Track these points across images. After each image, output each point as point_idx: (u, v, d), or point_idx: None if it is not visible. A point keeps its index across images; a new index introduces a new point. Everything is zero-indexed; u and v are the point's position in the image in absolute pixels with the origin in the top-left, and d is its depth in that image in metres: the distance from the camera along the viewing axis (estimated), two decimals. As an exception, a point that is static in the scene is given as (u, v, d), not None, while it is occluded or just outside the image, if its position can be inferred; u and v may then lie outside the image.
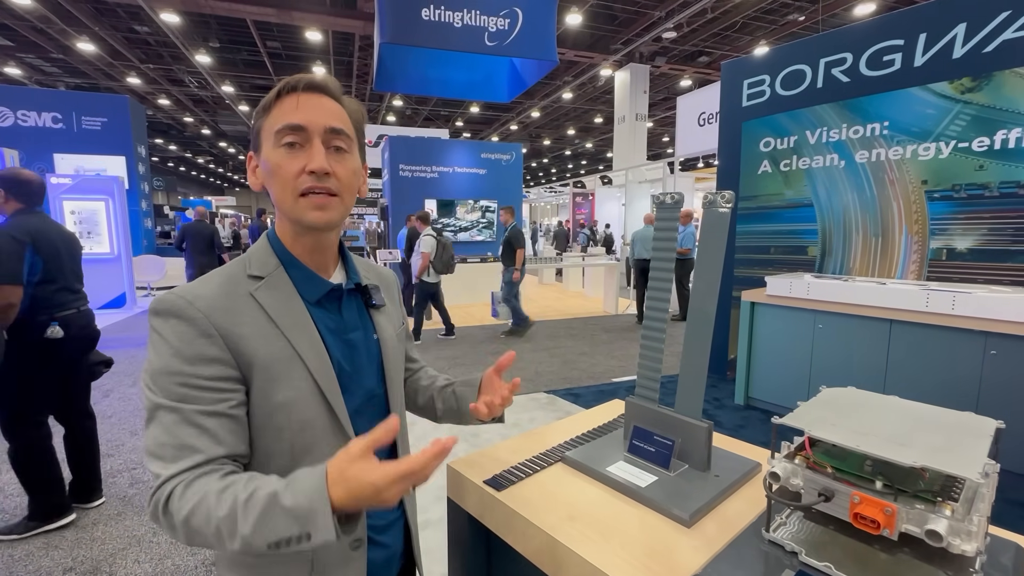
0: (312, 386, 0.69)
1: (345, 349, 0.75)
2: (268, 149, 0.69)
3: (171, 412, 0.61)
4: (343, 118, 0.72)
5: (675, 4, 9.65)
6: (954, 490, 0.61)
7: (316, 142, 0.68)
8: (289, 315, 0.70)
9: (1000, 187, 3.01)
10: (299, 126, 0.67)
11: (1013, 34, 2.94)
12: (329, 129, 0.69)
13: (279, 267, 0.73)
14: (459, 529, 0.98)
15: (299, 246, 0.74)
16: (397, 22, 4.94)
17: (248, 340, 0.66)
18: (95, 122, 9.19)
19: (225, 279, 0.70)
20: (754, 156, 4.25)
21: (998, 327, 2.59)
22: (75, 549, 2.15)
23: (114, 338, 6.06)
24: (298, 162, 0.67)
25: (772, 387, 3.71)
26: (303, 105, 0.68)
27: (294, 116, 0.67)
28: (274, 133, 0.68)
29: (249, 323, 0.67)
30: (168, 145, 23.64)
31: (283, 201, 0.69)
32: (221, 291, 0.68)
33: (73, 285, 2.31)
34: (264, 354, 0.67)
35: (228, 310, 0.67)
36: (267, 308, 0.69)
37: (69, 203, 7.59)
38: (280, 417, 0.67)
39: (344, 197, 0.71)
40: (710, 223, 0.91)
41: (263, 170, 0.71)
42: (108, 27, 10.54)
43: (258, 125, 0.71)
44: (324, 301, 0.75)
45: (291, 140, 0.67)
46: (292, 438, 0.69)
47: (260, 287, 0.70)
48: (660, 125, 19.36)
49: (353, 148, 0.73)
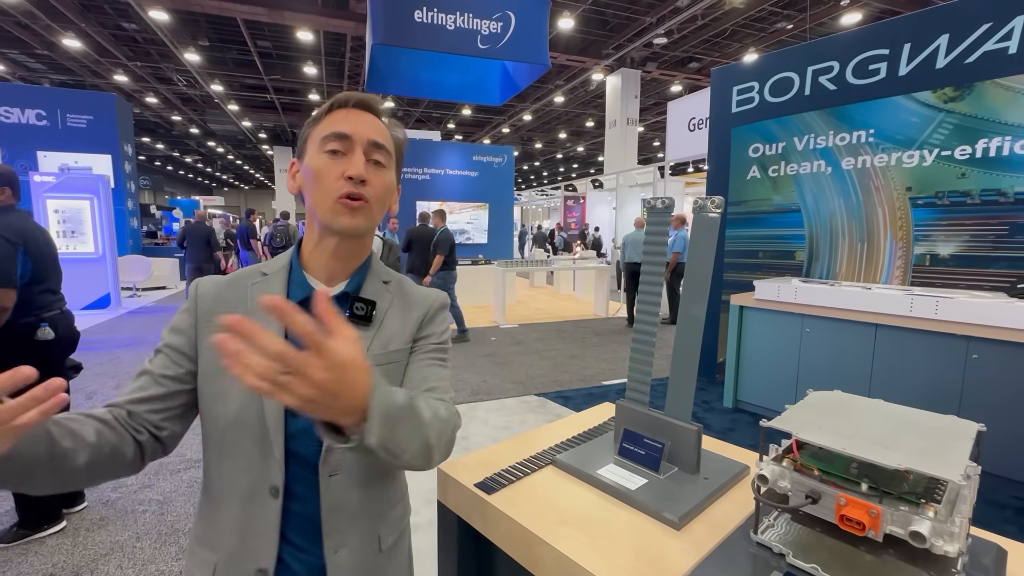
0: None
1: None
2: (312, 155, 0.73)
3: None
4: (386, 136, 0.76)
5: (666, 10, 9.75)
6: (937, 492, 0.63)
7: (358, 151, 0.72)
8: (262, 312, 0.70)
9: (982, 195, 3.07)
10: (345, 134, 0.72)
11: (994, 45, 3.01)
12: (372, 142, 0.73)
13: (284, 268, 0.77)
14: (449, 532, 0.98)
15: (319, 250, 0.76)
16: (390, 23, 4.93)
17: (214, 327, 0.71)
18: (80, 120, 9.05)
19: (244, 272, 0.78)
20: (743, 162, 4.30)
21: (979, 332, 2.64)
22: (56, 555, 2.11)
23: (98, 339, 5.95)
24: (339, 167, 0.71)
25: (760, 390, 3.75)
26: (351, 118, 0.73)
27: (342, 126, 0.72)
28: (321, 139, 0.72)
29: (225, 310, 0.73)
30: (155, 144, 23.33)
31: (319, 204, 0.72)
32: (230, 280, 0.77)
33: (55, 286, 2.26)
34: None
35: (218, 297, 0.75)
36: (249, 301, 0.74)
37: (53, 202, 7.46)
38: (219, 405, 0.71)
39: (374, 207, 0.74)
40: (700, 228, 0.92)
41: (303, 175, 0.74)
42: (95, 24, 10.39)
43: (306, 134, 0.76)
44: (308, 306, 0.70)
45: (335, 147, 0.71)
46: (224, 431, 0.71)
47: (258, 283, 0.76)
48: (651, 130, 19.50)
49: (391, 165, 0.77)
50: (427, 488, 2.58)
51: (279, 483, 0.71)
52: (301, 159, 0.76)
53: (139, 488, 2.65)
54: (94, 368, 4.70)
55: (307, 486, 0.72)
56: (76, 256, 7.48)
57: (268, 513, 0.71)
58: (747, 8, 9.62)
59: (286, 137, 21.86)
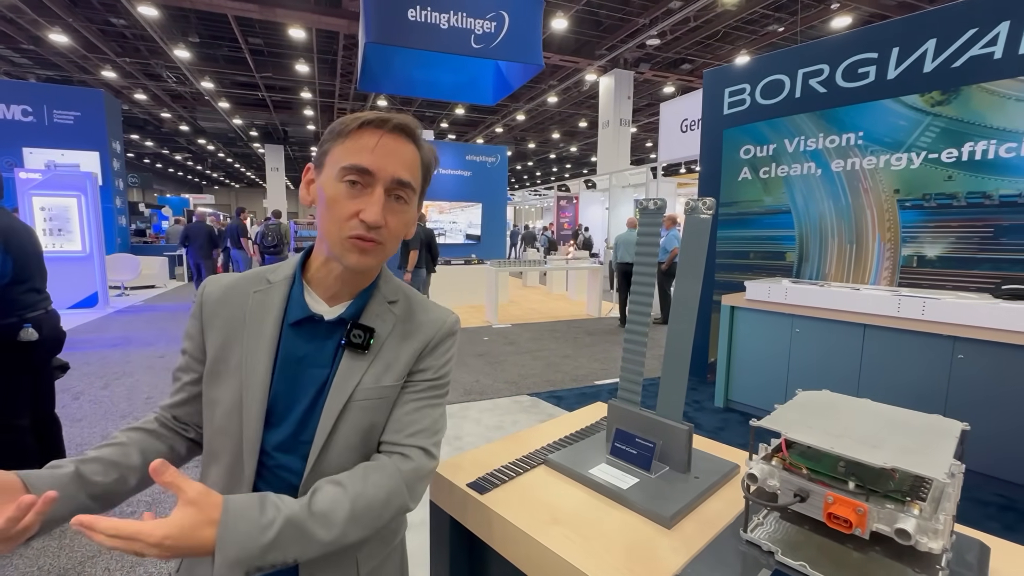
0: (237, 398, 0.69)
1: (295, 381, 0.70)
2: (329, 178, 0.67)
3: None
4: (414, 168, 0.71)
5: (659, 12, 9.80)
6: (922, 490, 0.64)
7: (378, 191, 0.67)
8: (259, 326, 0.71)
9: (968, 197, 3.12)
10: (367, 170, 0.66)
11: (980, 50, 3.06)
12: (396, 181, 0.68)
13: (287, 280, 0.74)
14: (442, 533, 0.98)
15: (326, 270, 0.73)
16: (383, 22, 4.92)
17: (216, 332, 0.72)
18: (68, 116, 8.92)
19: (251, 275, 0.76)
20: (735, 163, 4.33)
21: (965, 332, 2.68)
22: (41, 557, 2.08)
23: (85, 339, 5.87)
24: (355, 205, 0.66)
25: (751, 390, 3.78)
26: (381, 148, 0.67)
27: (367, 159, 0.66)
28: (341, 167, 0.66)
29: (226, 317, 0.72)
30: (144, 141, 23.04)
31: (329, 236, 0.68)
32: (235, 283, 0.75)
33: (39, 285, 2.23)
34: (217, 348, 0.71)
35: (222, 300, 0.73)
36: (249, 311, 0.72)
37: (39, 199, 7.34)
38: (209, 412, 0.72)
39: (388, 246, 0.71)
40: (692, 229, 0.93)
41: (319, 195, 0.69)
42: (83, 19, 10.24)
43: (328, 147, 0.69)
44: (305, 326, 0.72)
45: (354, 179, 0.66)
46: (211, 436, 0.72)
47: (261, 291, 0.74)
48: (643, 131, 19.59)
49: (413, 199, 0.72)
50: (419, 488, 2.57)
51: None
52: (319, 170, 0.70)
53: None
54: (81, 368, 4.64)
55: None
56: (63, 255, 7.37)
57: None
58: (739, 11, 9.70)
59: (277, 135, 21.67)
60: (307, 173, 0.73)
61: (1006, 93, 2.93)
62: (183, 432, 0.76)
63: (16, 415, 2.16)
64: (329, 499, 0.61)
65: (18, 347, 2.08)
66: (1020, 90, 2.88)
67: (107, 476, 0.64)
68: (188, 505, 0.53)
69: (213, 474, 0.71)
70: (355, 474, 0.66)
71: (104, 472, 0.64)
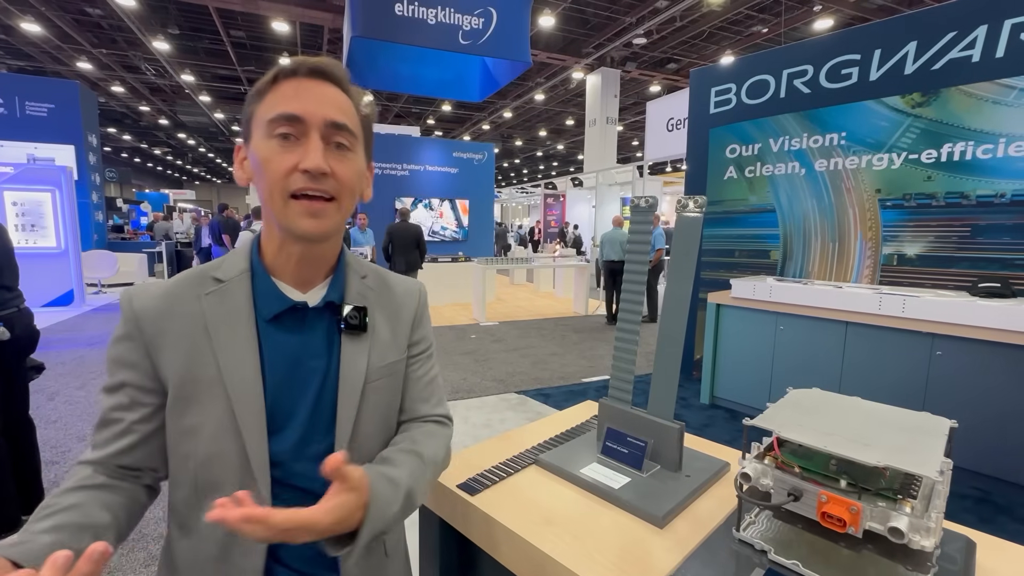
0: (227, 416, 0.61)
1: (289, 380, 0.65)
2: (258, 140, 0.61)
3: (100, 407, 0.63)
4: (348, 111, 0.63)
5: (645, 11, 9.84)
6: (913, 487, 0.64)
7: (314, 136, 0.60)
8: (229, 330, 0.62)
9: (946, 197, 3.19)
10: (295, 116, 0.59)
11: (959, 53, 3.13)
12: (331, 123, 0.60)
13: (244, 273, 0.65)
14: (431, 535, 0.96)
15: (284, 255, 0.65)
16: (370, 16, 4.85)
17: (170, 352, 0.61)
18: (41, 108, 8.63)
19: (187, 277, 0.65)
20: (720, 162, 4.37)
21: (943, 329, 2.75)
22: (14, 564, 2.01)
23: (61, 337, 5.71)
24: (291, 157, 0.59)
25: (736, 387, 3.83)
26: (303, 93, 0.60)
27: (291, 105, 0.59)
28: (267, 122, 0.60)
29: (179, 331, 0.62)
30: (122, 135, 22.46)
31: (271, 202, 0.61)
32: (173, 290, 0.64)
33: (10, 282, 2.15)
34: (180, 370, 0.61)
35: (164, 313, 0.62)
36: (208, 317, 0.62)
37: (11, 193, 7.10)
38: (187, 443, 0.61)
39: (342, 202, 0.63)
40: (683, 227, 0.93)
41: (252, 163, 0.63)
42: (56, 7, 9.93)
43: (249, 111, 0.63)
44: (285, 318, 0.65)
45: (285, 131, 0.59)
46: (196, 469, 0.62)
47: (213, 292, 0.64)
48: (630, 129, 19.70)
49: (357, 146, 0.65)
50: (407, 488, 2.55)
51: None
52: (247, 143, 0.63)
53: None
54: (56, 368, 4.50)
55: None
56: (36, 251, 7.15)
57: (252, 557, 0.63)
58: (724, 11, 9.79)
59: (261, 130, 21.29)
60: (238, 152, 0.66)
61: (983, 96, 3.00)
62: (135, 481, 0.63)
63: None
64: (419, 469, 0.66)
65: None
66: (997, 93, 2.95)
67: (80, 542, 0.51)
68: (351, 491, 0.53)
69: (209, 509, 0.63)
70: (425, 442, 0.71)
71: (76, 538, 0.52)
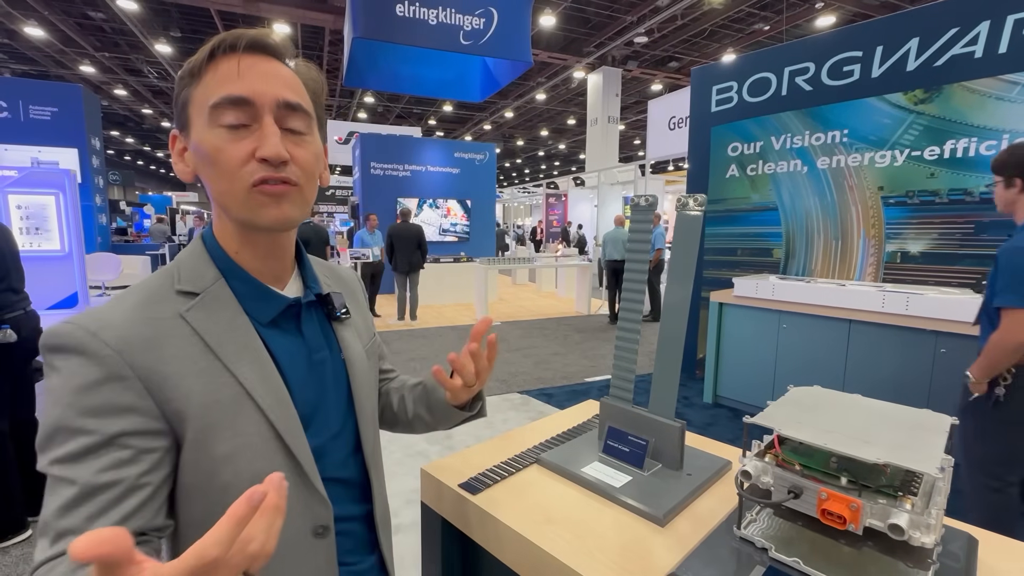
0: (266, 429, 0.56)
1: (307, 378, 0.63)
2: (202, 129, 0.53)
3: (66, 485, 0.47)
4: (298, 89, 0.57)
5: (646, 10, 9.83)
6: (913, 484, 0.64)
7: (268, 120, 0.53)
8: (233, 342, 0.56)
9: (949, 194, 3.18)
10: (244, 99, 0.52)
11: (961, 49, 3.11)
12: (283, 103, 0.54)
13: (219, 280, 0.58)
14: (433, 534, 0.96)
15: (247, 252, 0.60)
16: (371, 17, 4.86)
17: (178, 379, 0.52)
18: (44, 112, 8.68)
19: (144, 298, 0.55)
20: (722, 160, 4.36)
21: (947, 327, 2.73)
22: (20, 564, 2.02)
23: (65, 340, 5.74)
24: (245, 146, 0.53)
25: (739, 385, 3.82)
26: (247, 71, 0.53)
27: (236, 86, 0.52)
28: (209, 108, 0.52)
29: (179, 357, 0.53)
30: (125, 138, 22.57)
31: (227, 196, 0.54)
32: (139, 315, 0.53)
33: (16, 285, 2.17)
34: (200, 396, 0.53)
35: (149, 341, 0.52)
36: (203, 334, 0.55)
37: (15, 197, 7.15)
38: (226, 473, 0.54)
39: (305, 188, 0.58)
40: (683, 225, 0.93)
41: (195, 156, 0.55)
42: (59, 12, 9.98)
43: (184, 95, 0.55)
44: (280, 320, 0.62)
45: (234, 119, 0.52)
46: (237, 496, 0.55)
47: (193, 307, 0.56)
48: (632, 128, 19.67)
49: (312, 127, 0.59)
50: (409, 489, 2.56)
51: (327, 519, 0.61)
52: (185, 132, 0.56)
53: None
54: (61, 370, 4.53)
55: (349, 502, 0.67)
56: (41, 254, 7.19)
57: (316, 558, 0.61)
58: (725, 9, 9.76)
59: (263, 132, 21.35)
60: (174, 143, 0.58)
61: (986, 91, 2.98)
62: (149, 548, 0.50)
63: None
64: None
65: None
66: (1000, 88, 2.93)
67: None
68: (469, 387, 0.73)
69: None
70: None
71: None
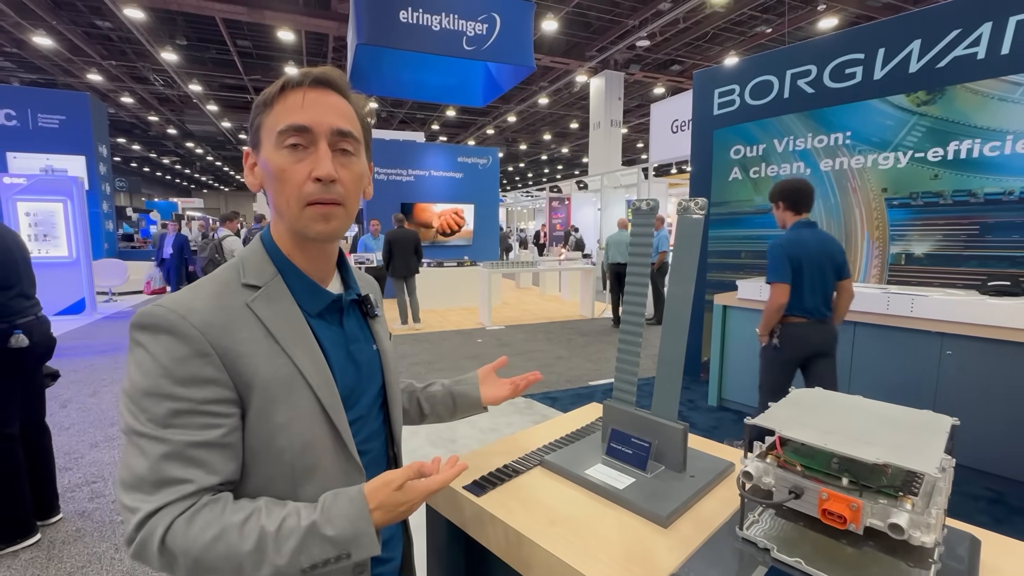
0: (315, 405, 0.66)
1: (347, 364, 0.73)
2: (269, 150, 0.65)
3: (157, 442, 0.57)
4: (351, 118, 0.68)
5: (648, 13, 9.86)
6: (914, 485, 0.64)
7: (322, 145, 0.64)
8: (289, 329, 0.67)
9: (953, 195, 3.17)
10: (304, 127, 0.63)
11: (963, 51, 3.11)
12: (336, 131, 0.65)
13: (277, 276, 0.69)
14: (438, 535, 0.97)
15: (299, 255, 0.71)
16: (374, 23, 4.91)
17: (248, 358, 0.62)
18: (52, 120, 8.80)
19: (219, 289, 0.65)
20: (725, 163, 4.36)
21: (953, 328, 2.72)
22: (29, 568, 2.04)
23: (72, 345, 5.79)
24: (303, 167, 0.64)
25: (744, 388, 3.80)
26: (309, 103, 0.64)
27: (299, 116, 0.64)
28: (276, 133, 0.64)
29: (248, 339, 0.63)
30: (131, 145, 22.77)
31: (285, 208, 0.66)
32: (216, 303, 0.63)
33: (29, 291, 2.20)
34: (265, 373, 0.63)
35: (225, 325, 0.62)
36: (266, 321, 0.65)
37: (24, 204, 7.23)
38: (281, 439, 0.64)
39: (348, 205, 0.68)
40: (685, 229, 0.94)
41: (263, 171, 0.67)
42: (67, 21, 10.11)
43: (258, 121, 0.67)
44: (325, 313, 0.73)
45: (295, 141, 0.64)
46: (293, 460, 0.65)
47: (257, 298, 0.66)
48: (634, 131, 19.69)
49: (360, 150, 0.70)
50: (414, 491, 2.56)
51: (361, 481, 0.69)
52: (256, 150, 0.68)
53: (116, 499, 2.59)
54: (69, 375, 4.57)
55: (376, 469, 0.73)
56: (49, 260, 7.26)
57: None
58: (727, 12, 9.78)
59: (267, 138, 21.47)
60: (247, 158, 0.71)
61: (989, 93, 2.98)
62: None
63: (6, 423, 2.12)
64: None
65: (8, 354, 2.05)
66: (1003, 90, 2.93)
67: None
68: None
69: (309, 492, 0.66)
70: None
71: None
